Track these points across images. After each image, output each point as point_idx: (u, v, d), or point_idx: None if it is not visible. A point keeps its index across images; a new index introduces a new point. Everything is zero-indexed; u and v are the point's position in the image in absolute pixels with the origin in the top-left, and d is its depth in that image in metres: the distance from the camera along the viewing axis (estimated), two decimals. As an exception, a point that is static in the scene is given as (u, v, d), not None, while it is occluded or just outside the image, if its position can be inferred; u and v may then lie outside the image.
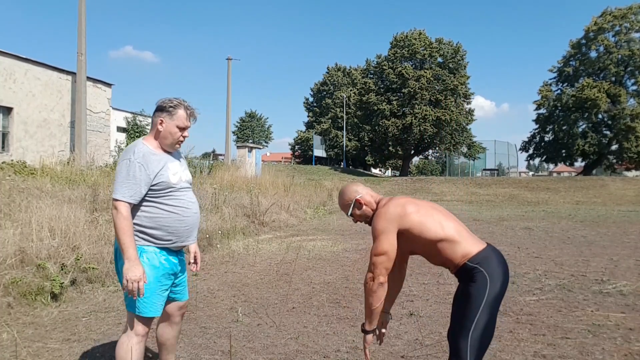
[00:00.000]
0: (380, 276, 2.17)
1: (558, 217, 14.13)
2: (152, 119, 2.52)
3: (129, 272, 2.24)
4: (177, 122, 2.43)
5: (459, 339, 2.07)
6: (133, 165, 2.32)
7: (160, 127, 2.44)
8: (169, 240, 2.45)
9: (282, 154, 69.59)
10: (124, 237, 2.27)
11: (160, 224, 2.41)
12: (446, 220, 2.24)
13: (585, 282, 5.51)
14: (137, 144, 2.43)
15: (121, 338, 2.42)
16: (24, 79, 15.98)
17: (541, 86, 40.65)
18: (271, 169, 23.74)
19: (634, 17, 35.87)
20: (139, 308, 2.37)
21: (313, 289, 5.29)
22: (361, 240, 8.97)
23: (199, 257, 2.76)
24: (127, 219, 2.29)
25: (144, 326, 2.42)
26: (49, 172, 10.79)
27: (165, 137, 2.45)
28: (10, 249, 4.81)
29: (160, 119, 2.43)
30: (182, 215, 2.47)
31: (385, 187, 27.10)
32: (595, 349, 3.42)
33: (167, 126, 2.43)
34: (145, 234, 2.41)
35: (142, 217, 2.40)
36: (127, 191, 2.31)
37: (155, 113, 2.48)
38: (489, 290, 2.08)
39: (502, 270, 2.16)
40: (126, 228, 2.28)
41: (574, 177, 33.63)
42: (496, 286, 2.10)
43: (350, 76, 53.75)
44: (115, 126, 21.46)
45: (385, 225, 2.19)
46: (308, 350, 3.44)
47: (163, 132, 2.44)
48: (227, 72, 29.13)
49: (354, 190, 2.43)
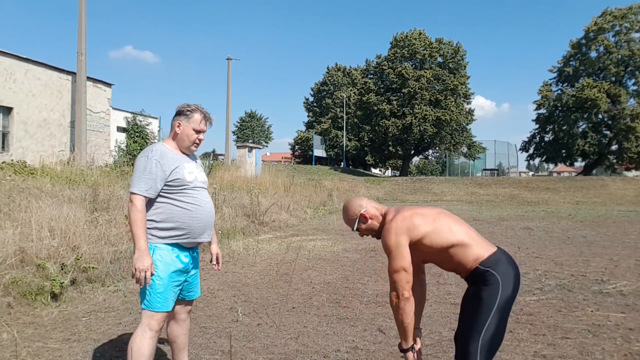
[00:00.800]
0: (405, 292, 2.15)
1: (558, 217, 14.13)
2: (171, 122, 2.66)
3: (137, 262, 2.37)
4: (193, 125, 2.59)
5: (469, 342, 2.06)
6: (150, 162, 2.46)
7: (177, 130, 2.60)
8: (181, 235, 2.53)
9: (282, 154, 69.58)
10: (136, 228, 2.39)
11: (173, 219, 2.50)
12: (455, 224, 2.23)
13: (585, 282, 5.51)
14: (156, 144, 2.61)
15: (135, 332, 2.49)
16: (24, 79, 15.98)
17: (541, 86, 40.63)
18: (271, 169, 23.74)
19: (634, 17, 35.83)
20: (152, 303, 2.46)
21: (313, 289, 5.29)
22: (361, 241, 8.97)
23: (220, 257, 2.91)
24: (141, 212, 2.41)
25: (157, 321, 2.49)
26: (49, 172, 10.80)
27: (183, 139, 2.60)
28: (10, 248, 4.81)
29: (178, 122, 2.60)
30: (195, 212, 2.56)
31: (385, 187, 27.10)
32: (595, 349, 3.42)
33: (184, 129, 2.58)
34: (158, 229, 2.50)
35: (156, 213, 2.50)
36: (144, 185, 2.44)
37: (174, 117, 2.64)
38: (501, 293, 2.07)
39: (513, 273, 2.15)
40: (139, 220, 2.40)
41: (574, 177, 33.63)
42: (508, 289, 2.09)
43: (350, 76, 53.74)
44: (115, 126, 21.45)
45: (396, 240, 2.18)
46: (308, 350, 3.44)
47: (180, 134, 2.59)
48: (227, 72, 29.14)
49: (358, 204, 2.42)
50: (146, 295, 2.47)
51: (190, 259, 2.63)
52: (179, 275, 2.55)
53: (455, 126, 38.81)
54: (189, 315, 2.84)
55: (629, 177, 33.07)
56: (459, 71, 39.15)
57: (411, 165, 56.64)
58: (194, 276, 2.72)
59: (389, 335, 3.75)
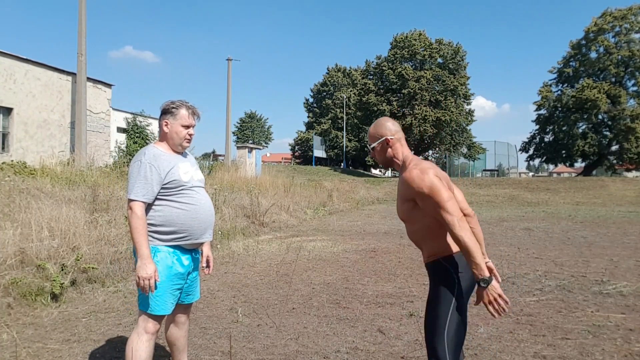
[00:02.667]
0: (458, 214, 2.02)
1: (558, 217, 14.13)
2: (158, 123, 2.61)
3: (140, 270, 2.34)
4: (180, 121, 2.55)
5: (435, 341, 2.08)
6: (144, 166, 2.43)
7: (165, 129, 2.56)
8: (182, 237, 2.50)
9: (282, 154, 69.59)
10: (137, 235, 2.37)
11: (173, 221, 2.47)
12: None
13: (585, 282, 5.51)
14: (148, 147, 2.55)
15: (132, 335, 2.48)
16: (24, 79, 15.98)
17: (541, 87, 40.64)
18: (271, 169, 23.74)
19: (633, 18, 35.83)
20: (150, 306, 2.44)
21: (313, 289, 5.29)
22: (361, 241, 8.97)
23: (211, 260, 2.82)
24: (141, 219, 2.38)
25: (154, 324, 2.48)
26: (49, 173, 10.79)
27: (172, 138, 2.56)
28: (10, 249, 4.81)
29: (165, 121, 2.56)
30: (194, 213, 2.53)
31: (385, 187, 27.08)
32: (595, 349, 3.42)
33: (172, 127, 2.55)
34: (158, 233, 2.47)
35: (155, 216, 2.47)
36: (140, 191, 2.40)
37: (160, 117, 2.59)
38: (457, 289, 2.10)
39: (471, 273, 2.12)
40: (140, 227, 2.37)
41: (574, 178, 33.61)
42: (465, 284, 2.12)
43: (350, 77, 53.77)
44: (115, 127, 21.43)
45: (430, 178, 2.06)
46: (308, 351, 3.44)
47: (169, 132, 2.55)
48: (227, 72, 29.14)
49: (389, 128, 2.27)
50: (145, 297, 2.44)
51: (190, 261, 2.60)
52: (179, 278, 2.53)
53: (455, 127, 38.82)
54: (188, 318, 2.82)
55: (629, 178, 33.03)
56: (459, 72, 39.17)
57: (411, 166, 56.54)
58: (194, 279, 2.69)
59: (389, 336, 3.75)
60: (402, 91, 38.59)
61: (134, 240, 2.37)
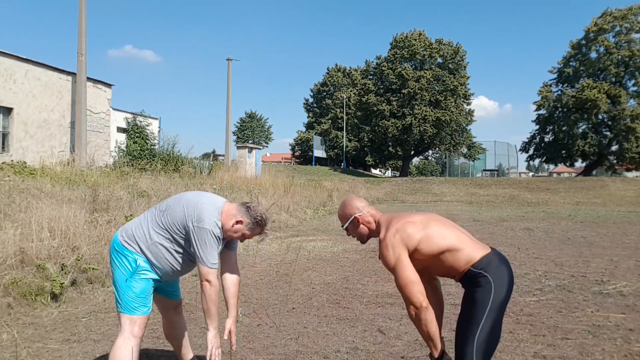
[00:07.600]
0: (421, 302, 2.11)
1: (558, 217, 14.12)
2: (239, 209, 2.53)
3: (216, 338, 2.47)
4: (248, 232, 2.55)
5: (465, 344, 2.07)
6: (214, 238, 2.45)
7: (237, 226, 2.51)
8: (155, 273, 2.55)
9: (282, 154, 69.53)
10: (213, 307, 2.45)
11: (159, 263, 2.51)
12: (446, 229, 2.23)
13: (586, 282, 5.51)
14: (217, 221, 2.48)
15: (117, 342, 2.43)
16: (24, 79, 15.97)
17: (541, 87, 40.65)
18: (271, 169, 23.75)
19: (634, 18, 35.84)
20: (131, 306, 2.44)
21: (313, 289, 5.29)
22: (361, 241, 8.96)
23: (233, 335, 2.64)
24: (217, 289, 2.46)
25: (140, 327, 2.47)
26: (49, 173, 10.79)
27: (234, 232, 2.54)
28: (10, 249, 4.81)
29: (242, 220, 2.51)
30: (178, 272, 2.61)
31: (385, 187, 27.11)
32: (596, 349, 3.42)
33: (240, 228, 2.52)
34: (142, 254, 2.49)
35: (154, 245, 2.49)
36: (213, 259, 2.44)
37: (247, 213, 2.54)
38: (493, 294, 2.08)
39: (507, 274, 2.15)
40: (216, 299, 2.46)
41: (574, 178, 33.61)
42: (501, 290, 2.09)
43: (350, 77, 53.75)
44: (116, 126, 21.41)
45: (395, 255, 2.16)
46: (308, 351, 3.44)
47: (235, 227, 2.52)
48: (227, 72, 29.14)
49: (355, 206, 2.40)
50: (124, 298, 2.44)
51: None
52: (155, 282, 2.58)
53: (455, 127, 38.83)
54: (180, 316, 2.86)
55: (629, 178, 33.05)
56: (458, 72, 39.19)
57: (411, 166, 56.63)
58: (174, 281, 2.79)
59: (389, 336, 3.75)
60: (402, 91, 38.60)
61: (209, 311, 2.44)
